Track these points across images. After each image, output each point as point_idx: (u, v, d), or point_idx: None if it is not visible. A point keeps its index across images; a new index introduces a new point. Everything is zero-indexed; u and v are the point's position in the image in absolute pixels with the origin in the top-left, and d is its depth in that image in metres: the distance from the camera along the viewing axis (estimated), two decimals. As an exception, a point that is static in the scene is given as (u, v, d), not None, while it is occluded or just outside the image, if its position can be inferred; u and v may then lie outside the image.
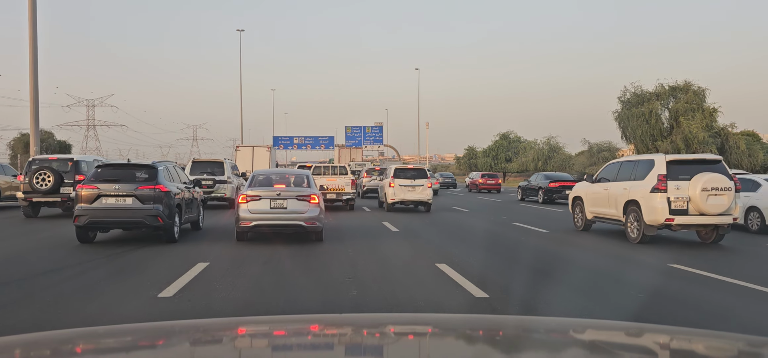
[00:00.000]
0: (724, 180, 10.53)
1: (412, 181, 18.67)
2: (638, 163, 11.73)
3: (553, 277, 7.60)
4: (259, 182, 10.72)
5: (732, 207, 10.59)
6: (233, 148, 35.06)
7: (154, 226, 9.86)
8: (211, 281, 7.03)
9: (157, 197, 9.84)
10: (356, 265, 8.32)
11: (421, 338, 1.88)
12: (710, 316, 5.80)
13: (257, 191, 10.14)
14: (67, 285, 6.84)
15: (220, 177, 19.21)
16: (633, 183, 11.44)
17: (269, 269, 7.96)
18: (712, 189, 10.42)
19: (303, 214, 9.95)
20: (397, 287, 6.88)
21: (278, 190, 10.17)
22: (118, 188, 9.77)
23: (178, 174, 11.77)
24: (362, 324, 2.09)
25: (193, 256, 8.69)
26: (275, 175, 11.49)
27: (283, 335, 1.91)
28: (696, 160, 11.19)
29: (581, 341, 1.83)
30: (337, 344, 1.81)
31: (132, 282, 7.13)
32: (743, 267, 8.80)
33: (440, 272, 7.67)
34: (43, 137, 68.68)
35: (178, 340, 1.82)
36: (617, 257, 9.55)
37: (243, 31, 49.38)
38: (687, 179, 10.63)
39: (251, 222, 9.92)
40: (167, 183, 10.28)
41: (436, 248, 10.07)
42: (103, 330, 1.95)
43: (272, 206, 9.99)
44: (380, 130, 64.51)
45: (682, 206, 10.57)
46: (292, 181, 11.13)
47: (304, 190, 10.38)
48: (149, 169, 10.29)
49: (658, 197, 10.67)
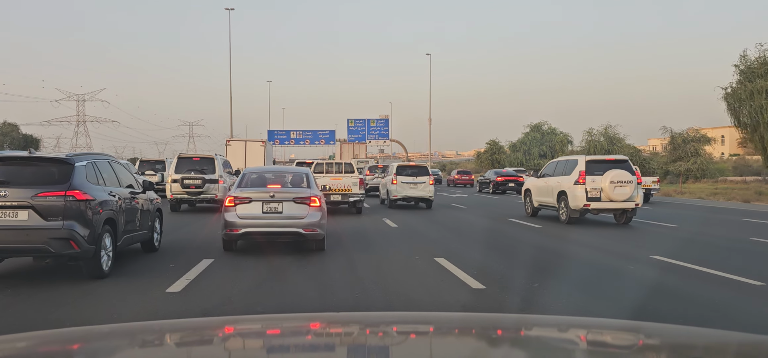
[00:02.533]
0: (628, 175, 14.19)
1: (414, 178, 19.59)
2: (568, 162, 15.56)
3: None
4: (251, 181, 9.82)
5: (634, 196, 14.25)
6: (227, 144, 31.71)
7: (65, 254, 6.83)
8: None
9: (70, 209, 6.82)
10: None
11: (421, 337, 1.95)
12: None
13: (247, 192, 9.20)
14: None
15: (210, 175, 17.50)
16: (563, 178, 15.13)
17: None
18: (618, 182, 14.09)
19: (301, 219, 9.01)
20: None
21: (272, 191, 9.22)
22: (5, 195, 6.71)
23: (117, 173, 8.51)
24: (362, 323, 2.17)
25: (122, 305, 6.04)
26: (269, 174, 10.52)
27: (283, 334, 1.98)
28: (608, 160, 14.88)
29: (581, 341, 1.88)
30: (337, 343, 1.87)
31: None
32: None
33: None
34: (6, 130, 64.73)
35: (179, 339, 1.88)
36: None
37: (232, 10, 45.38)
38: (600, 175, 14.28)
39: (240, 229, 8.90)
40: (90, 187, 7.23)
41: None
42: (102, 330, 2.00)
43: (265, 210, 9.02)
44: (386, 124, 60.29)
45: (596, 194, 14.26)
46: (288, 180, 10.21)
47: (303, 191, 9.47)
48: (60, 165, 7.17)
49: (579, 188, 14.37)
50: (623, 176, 14.22)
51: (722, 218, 18.53)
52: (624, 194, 14.21)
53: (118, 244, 7.77)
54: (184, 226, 13.63)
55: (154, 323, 3.12)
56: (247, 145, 30.55)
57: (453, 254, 9.42)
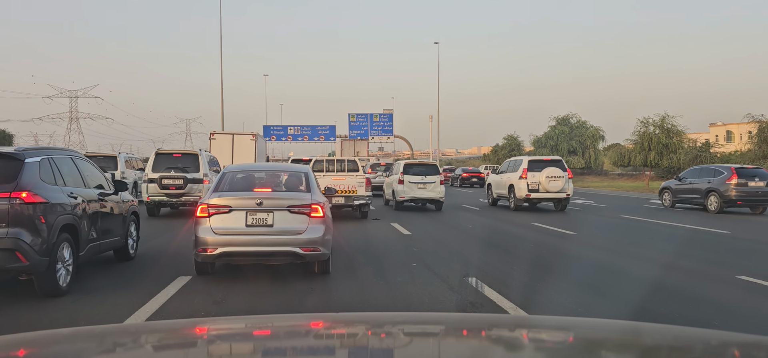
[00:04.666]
0: (560, 171, 18.37)
1: (423, 177, 18.59)
2: (517, 161, 19.81)
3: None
4: (232, 183, 7.92)
5: (565, 188, 18.45)
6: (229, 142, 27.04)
7: (10, 268, 5.88)
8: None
9: (17, 213, 5.92)
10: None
11: (421, 337, 2.01)
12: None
13: (226, 197, 7.25)
14: None
15: (193, 174, 15.59)
16: (512, 174, 19.41)
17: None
18: (552, 176, 18.32)
19: (298, 235, 7.12)
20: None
21: (260, 196, 7.25)
22: None
23: (82, 171, 7.63)
24: (363, 323, 2.22)
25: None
26: (257, 174, 8.78)
27: (283, 334, 2.02)
28: (545, 159, 19.18)
29: (581, 341, 1.94)
30: (338, 343, 1.91)
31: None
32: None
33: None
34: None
35: (179, 339, 1.93)
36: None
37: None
38: (539, 171, 18.62)
39: (215, 248, 6.99)
40: (43, 188, 6.33)
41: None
42: (102, 330, 2.06)
43: (250, 223, 7.08)
44: (389, 119, 57.50)
45: (535, 187, 18.46)
46: (282, 182, 8.46)
47: (301, 196, 7.51)
48: (6, 161, 6.25)
49: (522, 182, 18.59)
50: (556, 172, 18.50)
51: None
52: (557, 186, 18.50)
53: (80, 254, 6.85)
54: (166, 231, 12.67)
55: (154, 323, 3.05)
56: (234, 139, 26.47)
57: (488, 273, 8.04)
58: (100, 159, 18.84)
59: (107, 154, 20.67)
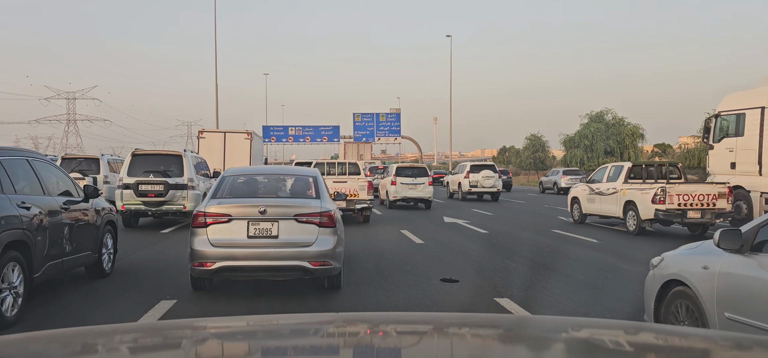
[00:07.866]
0: (492, 172, 26.14)
1: (413, 179, 21.74)
2: (463, 165, 27.72)
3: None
4: (232, 189, 7.43)
5: (496, 184, 26.31)
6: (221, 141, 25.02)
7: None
8: None
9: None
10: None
11: (421, 337, 2.06)
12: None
13: (226, 205, 6.71)
14: None
15: (176, 179, 14.19)
16: (459, 175, 27.32)
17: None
18: (487, 176, 26.18)
19: (306, 247, 6.54)
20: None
21: (263, 203, 6.72)
22: None
23: (41, 176, 6.79)
24: (363, 323, 2.28)
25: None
26: (260, 178, 8.31)
27: (284, 334, 2.10)
28: (482, 164, 27.24)
29: (581, 341, 2.00)
30: (339, 344, 1.98)
31: None
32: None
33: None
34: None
35: (179, 339, 1.98)
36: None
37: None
38: (477, 172, 26.51)
39: (213, 262, 6.46)
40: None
41: None
42: (102, 330, 2.09)
43: (252, 234, 6.56)
44: (397, 119, 56.43)
45: (475, 183, 26.26)
46: (288, 187, 8.05)
47: (309, 203, 6.92)
48: None
49: (466, 180, 26.46)
50: (490, 173, 26.84)
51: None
52: (489, 183, 26.86)
53: (35, 275, 6.10)
54: (146, 245, 11.51)
55: (154, 323, 3.25)
56: (226, 138, 24.72)
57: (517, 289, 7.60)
58: (80, 161, 18.45)
59: (89, 156, 19.95)
